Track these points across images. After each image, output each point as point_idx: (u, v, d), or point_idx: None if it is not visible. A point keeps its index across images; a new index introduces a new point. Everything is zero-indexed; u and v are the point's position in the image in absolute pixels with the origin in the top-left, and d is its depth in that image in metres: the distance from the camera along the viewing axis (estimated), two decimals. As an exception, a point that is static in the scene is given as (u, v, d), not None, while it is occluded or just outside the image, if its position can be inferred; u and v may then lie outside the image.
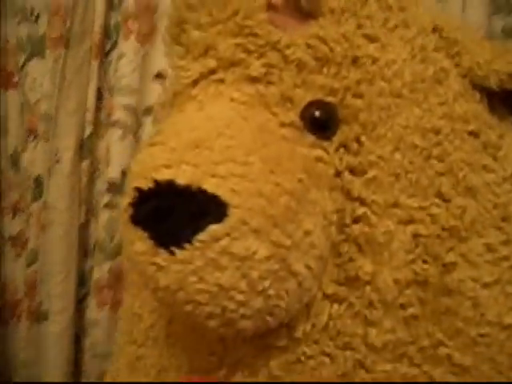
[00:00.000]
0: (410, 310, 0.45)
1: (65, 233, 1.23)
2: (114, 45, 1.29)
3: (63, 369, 1.24)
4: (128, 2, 1.25)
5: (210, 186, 0.38)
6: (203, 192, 0.38)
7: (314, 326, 0.44)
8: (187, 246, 0.38)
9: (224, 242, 0.38)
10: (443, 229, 0.45)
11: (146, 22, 1.24)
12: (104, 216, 1.25)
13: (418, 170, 0.45)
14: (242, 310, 0.41)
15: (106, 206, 1.25)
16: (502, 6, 1.08)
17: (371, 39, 0.47)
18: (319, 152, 0.44)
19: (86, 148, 1.26)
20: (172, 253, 0.38)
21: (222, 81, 0.46)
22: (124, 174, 1.24)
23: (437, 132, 0.46)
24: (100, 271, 1.25)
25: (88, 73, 1.25)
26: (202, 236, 0.38)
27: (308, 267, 0.42)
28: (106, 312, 1.26)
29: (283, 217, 0.40)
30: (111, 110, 1.25)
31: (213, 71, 0.46)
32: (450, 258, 0.45)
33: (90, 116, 1.26)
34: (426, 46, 0.50)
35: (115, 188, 1.24)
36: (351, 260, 0.44)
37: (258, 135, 0.42)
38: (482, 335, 0.46)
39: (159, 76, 1.25)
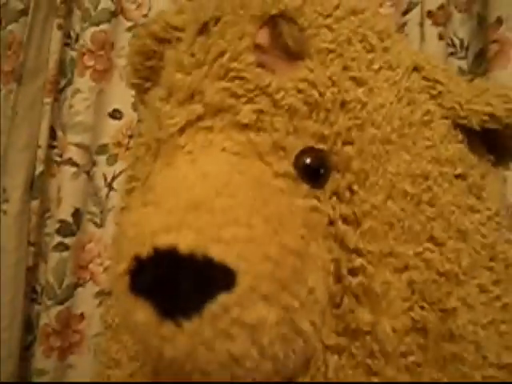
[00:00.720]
0: (411, 358, 0.43)
1: (12, 275, 1.18)
2: (69, 82, 1.27)
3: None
4: (84, 39, 1.22)
5: (215, 252, 0.35)
6: (209, 260, 0.35)
7: (313, 377, 0.43)
8: (195, 316, 0.35)
9: (235, 312, 0.36)
10: (439, 273, 0.44)
11: (102, 58, 1.22)
12: (53, 259, 1.20)
13: (410, 217, 0.44)
14: (251, 375, 0.39)
15: (56, 248, 1.20)
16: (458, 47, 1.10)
17: (358, 82, 0.45)
18: (314, 202, 0.43)
19: (36, 187, 1.22)
20: (179, 324, 0.35)
21: (210, 128, 0.43)
22: (75, 214, 1.20)
23: (426, 177, 0.45)
24: (47, 317, 1.20)
25: (41, 109, 1.22)
26: (211, 306, 0.35)
27: (313, 324, 0.40)
28: (52, 360, 1.20)
29: (291, 279, 0.38)
30: (64, 148, 1.22)
31: (200, 118, 0.43)
32: (450, 303, 0.44)
33: (41, 153, 1.23)
34: (411, 87, 0.48)
35: (66, 229, 1.20)
36: (350, 311, 0.43)
37: (257, 191, 0.40)
38: (485, 377, 0.45)
39: (114, 114, 1.23)
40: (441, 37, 1.09)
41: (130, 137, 1.22)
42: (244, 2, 0.45)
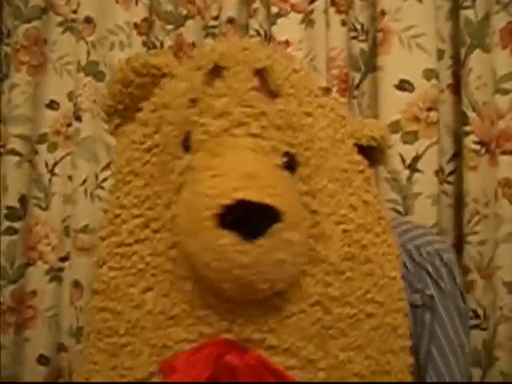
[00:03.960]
0: (348, 274, 0.70)
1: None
2: (5, 76, 1.34)
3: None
4: (18, 35, 1.30)
5: (270, 201, 0.59)
6: (267, 205, 0.59)
7: (292, 285, 0.67)
8: (262, 238, 0.59)
9: (285, 234, 0.60)
10: (356, 225, 0.72)
11: (36, 53, 1.30)
12: (4, 242, 1.29)
13: (339, 191, 0.72)
14: (287, 277, 0.65)
15: (5, 232, 1.29)
16: (360, 32, 1.24)
17: (308, 114, 0.72)
18: (293, 183, 0.68)
19: (-18, 177, 1.30)
20: (253, 242, 0.58)
21: (234, 135, 0.66)
22: (21, 200, 1.29)
23: (346, 170, 0.74)
24: (1, 296, 1.29)
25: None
26: (271, 231, 0.59)
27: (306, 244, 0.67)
28: (9, 336, 1.30)
29: (301, 219, 0.65)
30: (6, 140, 1.30)
31: (227, 129, 0.66)
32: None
33: (-16, 145, 1.31)
34: (333, 119, 0.76)
35: (14, 214, 1.29)
36: (312, 249, 0.68)
37: (274, 170, 0.66)
38: None
39: (52, 105, 1.32)
40: (343, 23, 1.23)
41: (68, 125, 1.32)
42: (244, 58, 0.68)
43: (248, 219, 0.58)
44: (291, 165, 0.68)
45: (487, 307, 1.09)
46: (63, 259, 1.32)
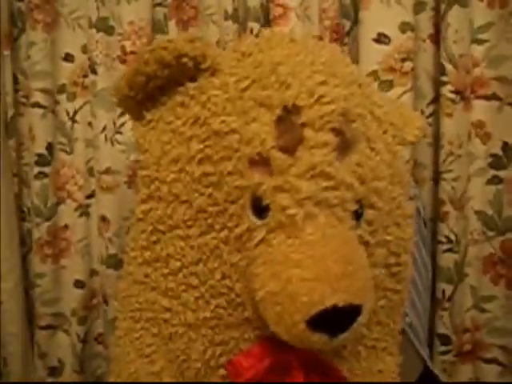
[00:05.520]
0: None
1: (4, 204, 1.42)
2: (21, 31, 1.44)
3: (19, 317, 1.47)
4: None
5: (358, 301, 0.58)
6: (351, 306, 0.57)
7: None
8: (345, 333, 0.59)
9: (362, 321, 0.60)
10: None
11: (49, 11, 1.39)
12: (36, 185, 1.45)
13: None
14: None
15: (37, 176, 1.45)
16: None
17: (375, 151, 0.67)
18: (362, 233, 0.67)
19: (11, 128, 1.44)
20: (338, 338, 0.59)
21: (313, 216, 0.61)
22: (48, 147, 1.44)
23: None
24: (38, 232, 1.47)
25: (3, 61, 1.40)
26: (354, 325, 0.59)
27: None
28: (48, 265, 1.48)
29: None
30: (29, 94, 1.42)
31: (310, 213, 0.60)
32: None
33: (9, 99, 1.43)
34: (388, 141, 0.73)
35: (43, 160, 1.44)
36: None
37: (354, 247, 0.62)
38: None
39: (67, 57, 1.43)
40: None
41: (84, 76, 1.43)
42: (324, 100, 0.60)
43: (336, 319, 0.57)
44: (358, 211, 0.63)
45: (458, 233, 1.26)
46: (89, 197, 1.47)
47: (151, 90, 0.67)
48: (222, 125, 0.62)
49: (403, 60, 1.23)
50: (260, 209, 0.61)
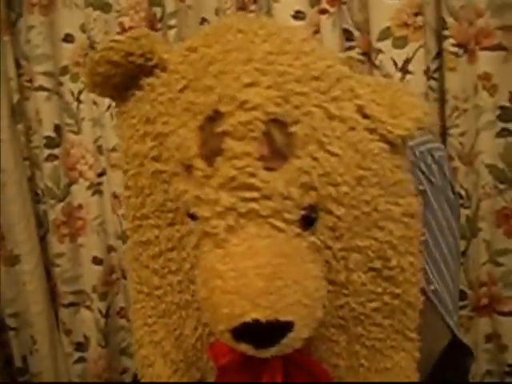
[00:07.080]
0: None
1: (17, 190, 1.45)
2: (19, 15, 1.44)
3: (42, 296, 1.51)
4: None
5: (282, 317, 0.54)
6: (276, 321, 0.53)
7: None
8: (274, 347, 0.56)
9: (296, 337, 0.55)
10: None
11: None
12: (47, 168, 1.47)
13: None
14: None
15: (47, 159, 1.47)
16: None
17: (331, 154, 0.59)
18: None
19: (17, 113, 1.45)
20: (266, 350, 0.56)
21: (242, 227, 0.57)
22: (56, 129, 1.45)
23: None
24: (54, 213, 1.49)
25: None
26: (283, 341, 0.55)
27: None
28: (66, 245, 1.52)
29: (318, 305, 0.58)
30: (33, 77, 1.43)
31: (234, 227, 0.57)
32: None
33: (14, 84, 1.44)
34: (359, 139, 0.63)
35: (52, 143, 1.46)
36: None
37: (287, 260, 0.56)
38: None
39: (67, 38, 1.43)
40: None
41: (85, 55, 1.43)
42: (250, 103, 0.55)
43: (262, 332, 0.54)
44: (310, 215, 0.58)
45: (468, 188, 1.25)
46: (100, 175, 1.49)
47: (116, 85, 0.65)
48: (163, 126, 0.60)
49: (416, 14, 1.20)
50: (191, 214, 0.59)
